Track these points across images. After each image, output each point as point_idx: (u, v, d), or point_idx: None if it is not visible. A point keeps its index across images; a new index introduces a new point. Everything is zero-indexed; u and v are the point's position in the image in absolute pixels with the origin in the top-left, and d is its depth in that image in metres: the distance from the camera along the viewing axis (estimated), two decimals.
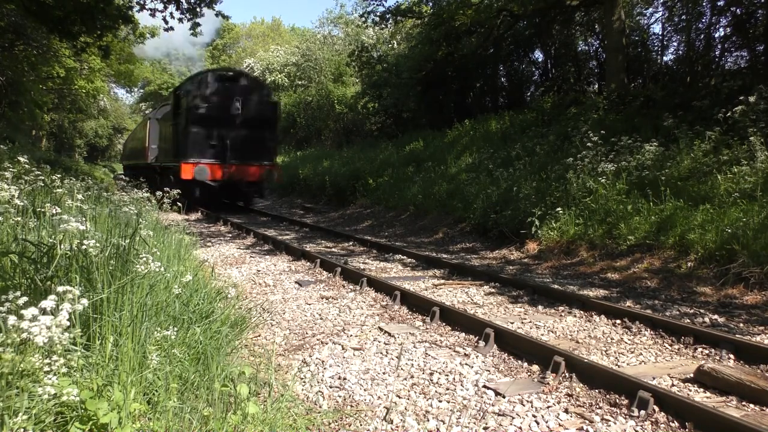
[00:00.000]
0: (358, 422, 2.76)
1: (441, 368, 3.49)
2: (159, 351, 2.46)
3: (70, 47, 17.39)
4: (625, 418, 2.80)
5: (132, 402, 2.05)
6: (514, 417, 2.82)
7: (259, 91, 15.65)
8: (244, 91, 14.98)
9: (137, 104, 62.05)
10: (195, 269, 4.55)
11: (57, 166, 14.73)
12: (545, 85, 18.55)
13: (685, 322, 4.58)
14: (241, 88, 15.01)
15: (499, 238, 9.23)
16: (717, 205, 6.85)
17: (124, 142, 34.38)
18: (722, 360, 3.73)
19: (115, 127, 54.51)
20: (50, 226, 3.12)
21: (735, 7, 13.23)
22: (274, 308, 5.03)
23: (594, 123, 11.21)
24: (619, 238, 7.37)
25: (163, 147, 17.15)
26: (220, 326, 3.22)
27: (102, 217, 3.96)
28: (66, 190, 4.44)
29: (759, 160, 7.25)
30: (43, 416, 1.82)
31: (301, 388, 3.17)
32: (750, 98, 8.26)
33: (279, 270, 6.91)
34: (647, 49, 16.87)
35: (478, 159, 13.24)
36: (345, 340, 4.06)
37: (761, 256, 5.65)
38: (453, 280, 6.42)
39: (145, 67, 42.13)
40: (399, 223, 12.37)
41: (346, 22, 34.64)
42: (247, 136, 14.67)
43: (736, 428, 2.51)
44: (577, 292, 5.77)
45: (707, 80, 13.25)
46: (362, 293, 5.60)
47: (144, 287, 2.69)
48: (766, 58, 12.46)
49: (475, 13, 15.90)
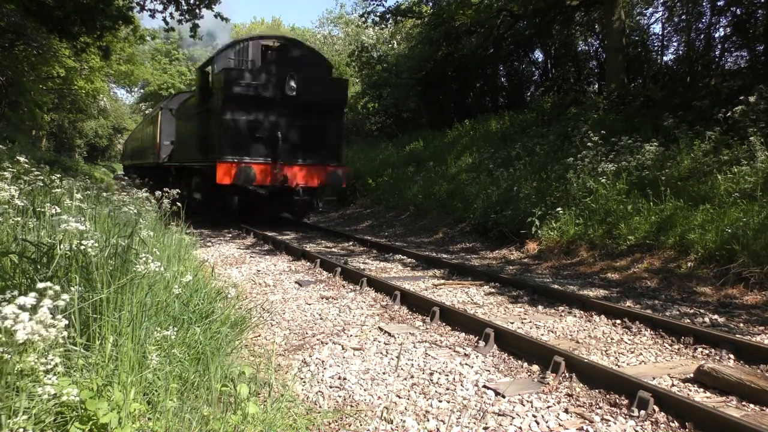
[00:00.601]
0: (358, 422, 2.76)
1: (441, 368, 3.49)
2: (159, 351, 2.46)
3: (70, 47, 17.38)
4: (625, 418, 2.80)
5: (132, 402, 2.05)
6: (514, 417, 2.81)
7: (319, 65, 11.63)
8: (301, 65, 10.89)
9: (137, 104, 62.06)
10: (195, 269, 4.55)
11: (57, 167, 14.70)
12: (545, 85, 18.57)
13: (685, 322, 4.58)
14: (296, 61, 10.99)
15: (499, 238, 9.23)
16: (717, 205, 6.85)
17: (126, 140, 33.97)
18: (722, 360, 3.73)
19: (115, 127, 54.54)
20: (50, 226, 3.12)
21: (735, 7, 13.23)
22: (274, 308, 5.02)
23: (594, 123, 11.21)
24: (619, 238, 7.37)
25: (184, 142, 13.68)
26: (220, 326, 3.21)
27: (102, 217, 3.96)
28: (65, 190, 4.44)
29: (759, 160, 7.25)
30: (43, 416, 1.82)
31: (301, 388, 3.17)
32: (750, 98, 8.26)
33: (279, 270, 6.90)
34: (647, 49, 16.88)
35: (478, 159, 13.25)
36: (345, 340, 4.06)
37: (761, 256, 5.65)
38: (453, 280, 6.42)
39: (145, 68, 42.11)
40: (399, 223, 12.37)
41: (346, 22, 34.66)
42: (305, 127, 10.80)
43: (736, 428, 2.51)
44: (577, 292, 5.77)
45: (707, 80, 13.25)
46: (362, 293, 5.60)
47: (143, 287, 2.69)
48: (766, 58, 12.46)
49: (475, 13, 15.91)
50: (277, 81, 10.44)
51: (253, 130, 10.43)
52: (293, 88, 10.41)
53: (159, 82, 53.02)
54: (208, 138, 11.00)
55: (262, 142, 10.47)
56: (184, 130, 13.66)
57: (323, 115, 10.91)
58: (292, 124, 10.71)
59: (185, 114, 13.70)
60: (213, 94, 10.94)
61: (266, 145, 10.49)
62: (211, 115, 10.84)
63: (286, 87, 10.40)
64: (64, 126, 42.08)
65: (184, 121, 13.70)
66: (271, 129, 10.52)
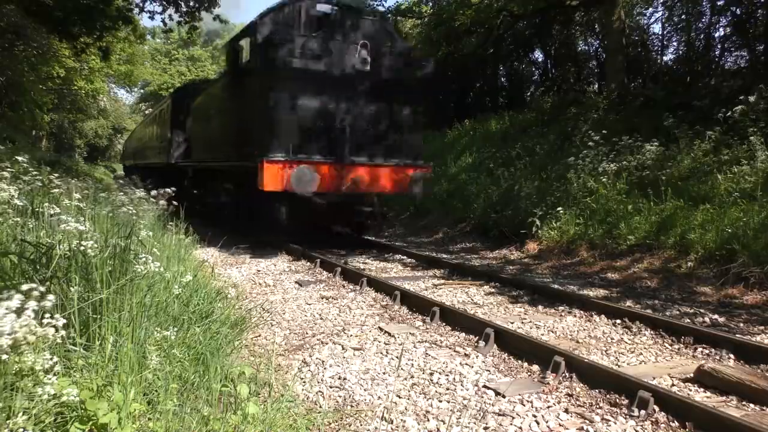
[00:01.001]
0: (358, 422, 2.76)
1: (441, 368, 3.49)
2: (159, 351, 2.46)
3: (70, 48, 17.36)
4: (625, 418, 2.80)
5: (132, 402, 2.05)
6: (515, 417, 2.81)
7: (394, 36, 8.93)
8: (372, 34, 8.30)
9: (137, 104, 62.08)
10: (195, 269, 4.55)
11: (57, 167, 14.65)
12: (545, 85, 18.58)
13: (685, 321, 4.58)
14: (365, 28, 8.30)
15: (499, 238, 9.23)
16: (717, 205, 6.85)
17: (128, 137, 33.47)
18: (722, 360, 3.73)
19: (115, 127, 54.53)
20: (49, 227, 3.12)
21: (735, 7, 13.24)
22: (274, 308, 5.02)
23: (594, 123, 11.22)
24: (620, 238, 7.37)
25: (207, 138, 10.89)
26: (220, 326, 3.21)
27: (101, 217, 3.96)
28: (65, 190, 4.44)
29: (759, 159, 7.25)
30: (43, 416, 1.82)
31: (301, 388, 3.17)
32: (750, 98, 8.26)
33: (279, 270, 6.90)
34: (647, 49, 16.89)
35: (479, 159, 13.24)
36: (345, 340, 4.06)
37: (761, 255, 5.65)
38: (453, 280, 6.42)
39: (145, 68, 42.12)
40: (399, 223, 12.38)
41: None
42: (380, 114, 8.26)
43: (737, 428, 2.51)
44: (577, 292, 5.77)
45: (707, 80, 13.25)
46: (362, 293, 5.59)
47: (141, 288, 2.69)
48: (766, 58, 12.46)
49: (475, 13, 15.91)
50: (343, 53, 7.91)
51: (313, 118, 7.75)
52: (367, 60, 7.95)
53: (159, 82, 53.03)
54: (245, 131, 8.43)
55: (324, 134, 7.83)
56: (207, 123, 10.98)
57: (404, 99, 8.44)
58: (363, 111, 8.10)
59: (208, 103, 11.09)
60: (253, 73, 8.29)
61: (330, 138, 7.84)
62: (251, 99, 8.28)
63: (356, 60, 7.90)
64: (64, 126, 42.08)
65: (207, 112, 11.07)
66: (336, 117, 7.89)
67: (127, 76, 33.51)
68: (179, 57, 57.92)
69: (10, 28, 17.19)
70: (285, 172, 7.30)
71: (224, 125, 9.53)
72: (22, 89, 20.84)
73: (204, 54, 59.66)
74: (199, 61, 58.59)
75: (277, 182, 7.28)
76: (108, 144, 57.44)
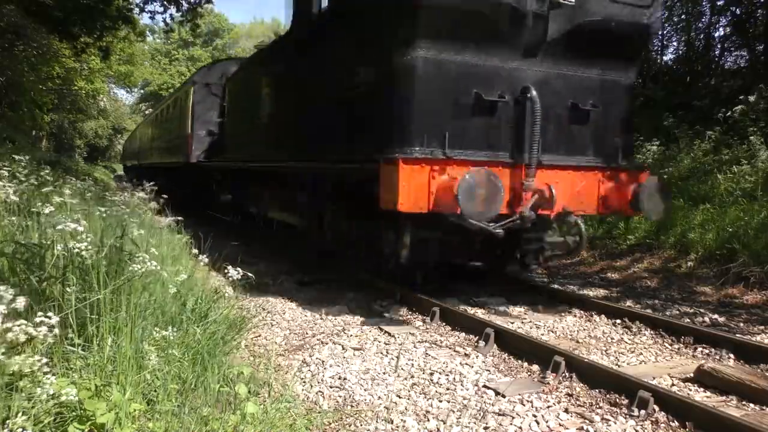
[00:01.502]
0: (358, 422, 2.75)
1: (441, 368, 3.48)
2: (157, 351, 2.45)
3: (70, 48, 17.35)
4: (625, 418, 2.80)
5: (131, 402, 2.04)
6: (515, 417, 2.81)
7: None
8: None
9: (137, 104, 62.06)
10: (192, 269, 4.54)
11: (57, 167, 14.64)
12: None
13: (685, 321, 4.58)
14: None
15: None
16: (717, 205, 6.85)
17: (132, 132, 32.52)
18: (722, 360, 3.73)
19: (115, 127, 54.52)
20: (47, 227, 3.11)
21: (735, 7, 13.23)
22: (274, 308, 5.02)
23: None
24: (619, 238, 7.36)
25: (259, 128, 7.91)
26: (218, 326, 3.21)
27: (97, 217, 3.95)
28: (67, 190, 4.43)
29: (759, 159, 7.25)
30: (42, 416, 1.82)
31: (301, 388, 3.17)
32: (750, 98, 8.26)
33: (279, 270, 6.88)
34: (647, 49, 16.86)
35: None
36: (345, 340, 4.05)
37: (761, 255, 5.65)
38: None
39: (145, 68, 42.11)
40: None
41: None
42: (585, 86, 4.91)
43: (736, 428, 2.51)
44: (577, 292, 5.76)
45: (707, 80, 13.24)
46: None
47: (138, 287, 2.68)
48: (766, 57, 12.45)
49: None
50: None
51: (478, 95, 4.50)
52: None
53: (159, 82, 53.03)
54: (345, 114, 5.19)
55: (494, 119, 4.61)
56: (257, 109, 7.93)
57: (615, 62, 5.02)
58: (556, 81, 4.81)
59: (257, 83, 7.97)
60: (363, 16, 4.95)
61: (503, 126, 4.64)
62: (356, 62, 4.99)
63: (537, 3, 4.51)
64: (64, 126, 42.06)
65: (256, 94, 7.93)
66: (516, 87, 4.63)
67: (127, 77, 33.49)
68: (179, 57, 57.92)
69: (10, 28, 17.18)
70: (446, 182, 4.17)
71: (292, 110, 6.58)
72: (22, 89, 20.83)
73: (204, 54, 59.66)
74: (199, 61, 58.63)
75: (421, 196, 4.19)
76: (108, 144, 57.43)
